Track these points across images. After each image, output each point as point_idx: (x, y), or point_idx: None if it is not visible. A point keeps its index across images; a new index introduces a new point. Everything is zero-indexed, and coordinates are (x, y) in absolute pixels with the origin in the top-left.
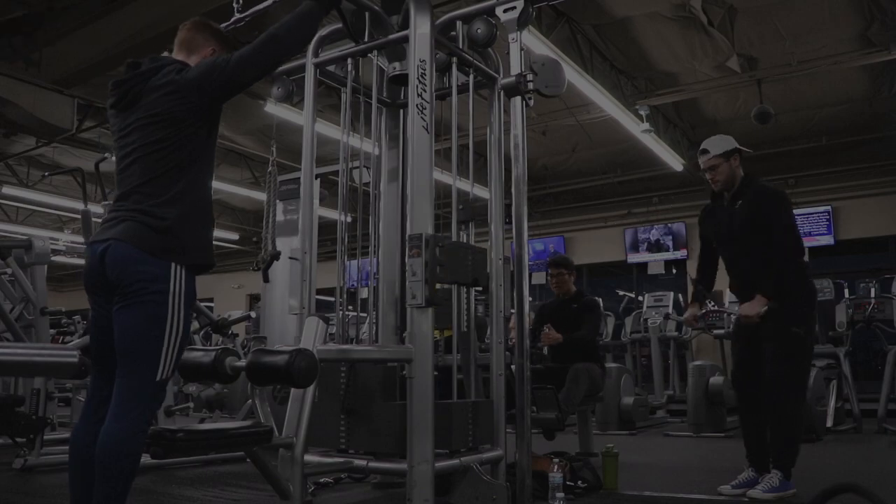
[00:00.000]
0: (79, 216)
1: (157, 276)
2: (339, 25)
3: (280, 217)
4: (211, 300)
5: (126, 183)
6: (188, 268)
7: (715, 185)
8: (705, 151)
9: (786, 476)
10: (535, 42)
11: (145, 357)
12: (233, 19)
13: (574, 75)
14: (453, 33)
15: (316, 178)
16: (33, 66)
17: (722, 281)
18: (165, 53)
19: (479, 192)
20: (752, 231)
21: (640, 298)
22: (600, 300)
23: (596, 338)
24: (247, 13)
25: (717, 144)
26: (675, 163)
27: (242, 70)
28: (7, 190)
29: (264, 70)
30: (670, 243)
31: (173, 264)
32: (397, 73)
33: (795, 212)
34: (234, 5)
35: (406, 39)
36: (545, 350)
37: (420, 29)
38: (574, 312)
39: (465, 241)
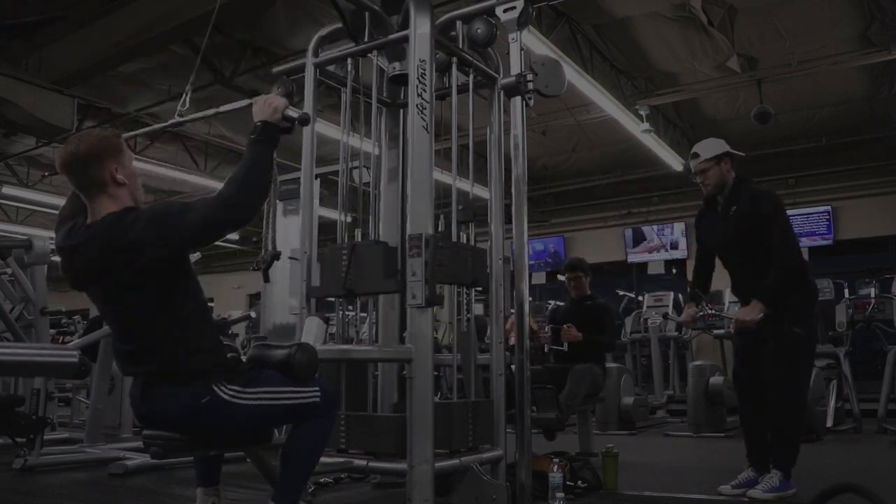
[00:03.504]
0: None
1: None
2: (339, 25)
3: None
4: (211, 300)
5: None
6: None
7: (705, 189)
8: (696, 155)
9: (786, 476)
10: (535, 42)
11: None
12: (171, 121)
13: (574, 75)
14: (453, 33)
15: (316, 178)
16: (33, 67)
17: (723, 280)
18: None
19: (479, 192)
20: (748, 236)
21: (640, 298)
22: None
23: (613, 343)
24: (186, 118)
25: (708, 148)
26: (675, 163)
27: (197, 235)
28: (7, 190)
29: (222, 234)
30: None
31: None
32: (397, 73)
33: (796, 212)
34: (179, 108)
35: (406, 39)
36: (565, 346)
37: (420, 29)
38: (586, 310)
39: (465, 241)
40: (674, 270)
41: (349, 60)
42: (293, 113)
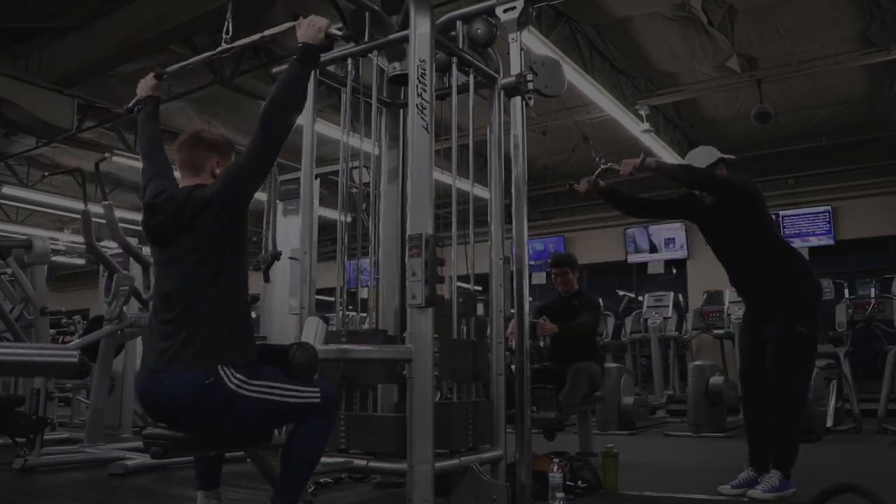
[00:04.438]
0: (79, 216)
1: None
2: (339, 25)
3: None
4: None
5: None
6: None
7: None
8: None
9: (785, 476)
10: (535, 42)
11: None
12: (219, 49)
13: (574, 75)
14: (453, 33)
15: (316, 178)
16: (33, 67)
17: (723, 281)
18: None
19: (479, 192)
20: (730, 223)
21: (640, 298)
22: (599, 300)
23: (594, 330)
24: (234, 44)
25: (699, 158)
26: (675, 163)
27: (256, 168)
28: (7, 190)
29: (277, 151)
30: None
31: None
32: (397, 73)
33: (796, 212)
34: (224, 35)
35: (406, 39)
36: (542, 342)
37: (420, 29)
38: (574, 308)
39: (465, 242)
40: (674, 270)
41: (349, 60)
42: (336, 32)
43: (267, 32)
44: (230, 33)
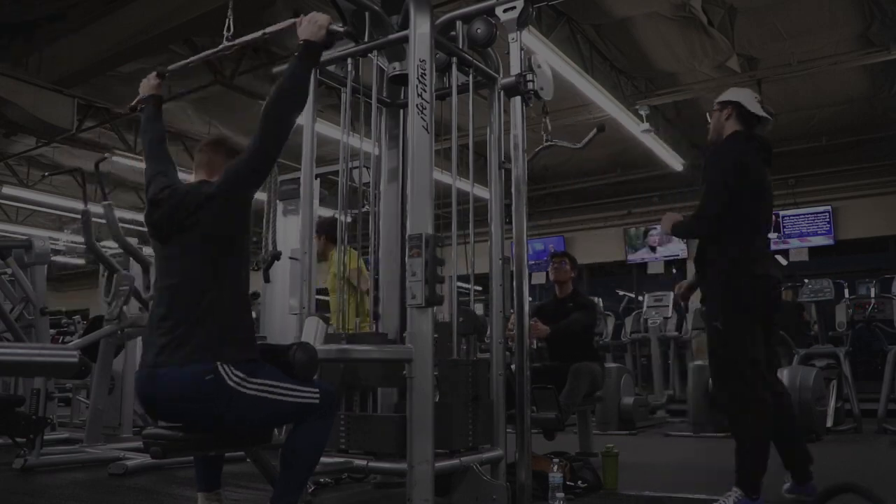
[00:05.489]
0: (79, 216)
1: None
2: (340, 24)
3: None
4: None
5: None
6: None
7: (709, 135)
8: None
9: (746, 493)
10: (535, 42)
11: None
12: (221, 46)
13: (574, 75)
14: (453, 33)
15: (316, 178)
16: (33, 67)
17: None
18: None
19: (479, 192)
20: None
21: (640, 298)
22: (599, 300)
23: (588, 329)
24: (236, 42)
25: (726, 94)
26: (675, 163)
27: (257, 167)
28: (7, 190)
29: (279, 150)
30: None
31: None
32: (397, 73)
33: (796, 212)
34: (225, 33)
35: (406, 39)
36: (534, 344)
37: (420, 29)
38: (569, 311)
39: (465, 243)
40: (674, 270)
41: (349, 60)
42: (338, 28)
43: (269, 29)
44: (231, 30)
